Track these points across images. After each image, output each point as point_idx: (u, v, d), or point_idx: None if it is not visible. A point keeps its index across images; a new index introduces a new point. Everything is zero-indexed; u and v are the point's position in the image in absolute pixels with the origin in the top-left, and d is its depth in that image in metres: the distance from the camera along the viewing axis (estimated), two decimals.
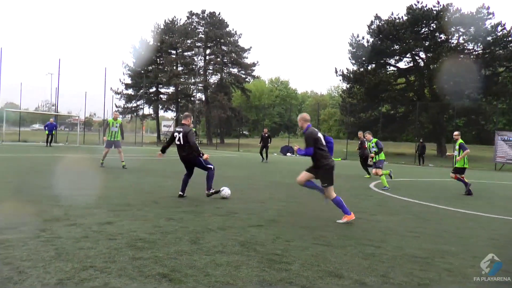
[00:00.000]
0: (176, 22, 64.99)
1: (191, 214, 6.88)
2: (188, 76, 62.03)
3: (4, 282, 3.47)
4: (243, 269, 4.06)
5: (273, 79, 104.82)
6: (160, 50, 63.42)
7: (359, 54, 44.72)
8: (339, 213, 7.26)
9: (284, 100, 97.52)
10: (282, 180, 13.51)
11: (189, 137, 8.51)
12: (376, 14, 44.36)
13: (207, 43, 62.71)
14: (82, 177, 11.60)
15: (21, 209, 6.55)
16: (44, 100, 59.37)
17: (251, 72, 64.86)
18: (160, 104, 63.06)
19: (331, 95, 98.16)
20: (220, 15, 63.23)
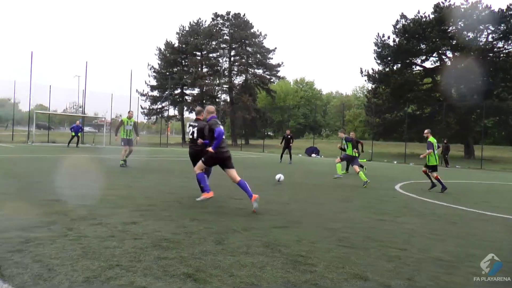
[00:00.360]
0: (201, 24, 65.43)
1: (215, 214, 6.90)
2: (213, 78, 62.34)
3: (35, 279, 3.55)
4: (268, 270, 4.06)
5: (298, 79, 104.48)
6: (185, 52, 63.96)
7: (384, 54, 44.24)
8: (360, 214, 7.20)
9: (309, 101, 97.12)
10: (306, 181, 13.46)
11: (205, 132, 8.53)
12: (402, 13, 43.80)
13: (232, 44, 62.93)
14: (107, 177, 11.75)
15: (49, 208, 6.67)
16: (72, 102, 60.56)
17: (276, 73, 64.88)
18: (185, 105, 63.54)
19: (356, 95, 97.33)
20: (245, 16, 63.41)
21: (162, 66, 64.76)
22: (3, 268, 3.77)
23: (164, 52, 64.73)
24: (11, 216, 5.96)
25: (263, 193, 10.01)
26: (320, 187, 11.96)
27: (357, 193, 10.97)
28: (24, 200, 7.37)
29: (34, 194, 8.05)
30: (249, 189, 7.61)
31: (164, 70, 64.15)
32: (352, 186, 12.51)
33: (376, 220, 7.09)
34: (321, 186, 12.10)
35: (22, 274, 3.64)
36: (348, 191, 11.21)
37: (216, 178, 9.26)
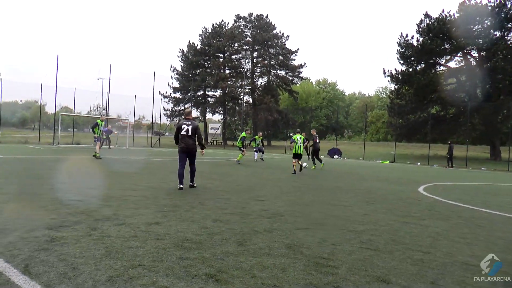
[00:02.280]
0: (223, 25, 65.67)
1: (237, 216, 6.90)
2: (236, 79, 62.51)
3: (60, 277, 3.61)
4: (290, 272, 4.04)
5: (321, 80, 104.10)
6: (207, 54, 64.28)
7: (408, 54, 43.72)
8: (384, 217, 7.10)
9: (331, 102, 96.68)
10: (329, 183, 13.38)
11: (197, 131, 10.29)
12: (426, 12, 43.15)
13: (254, 46, 63.05)
14: (130, 178, 11.87)
15: (74, 208, 6.76)
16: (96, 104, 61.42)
17: (298, 74, 64.73)
18: (207, 107, 63.86)
19: (378, 96, 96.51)
20: (267, 17, 63.51)
21: (185, 68, 65.20)
22: (30, 266, 3.85)
23: (187, 54, 65.17)
24: (38, 215, 6.06)
25: (285, 194, 10.00)
26: (343, 189, 11.87)
27: (381, 195, 10.86)
28: (51, 200, 7.49)
29: (60, 195, 8.18)
30: None
31: (187, 72, 64.57)
32: (375, 189, 12.38)
33: (400, 223, 6.99)
34: (344, 188, 12.01)
35: (48, 272, 3.71)
36: (371, 193, 11.09)
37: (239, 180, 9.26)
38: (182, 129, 10.12)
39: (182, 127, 10.17)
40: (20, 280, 3.51)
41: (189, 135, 10.09)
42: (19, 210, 6.38)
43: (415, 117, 44.27)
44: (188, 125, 10.13)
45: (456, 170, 27.48)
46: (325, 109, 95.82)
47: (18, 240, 4.71)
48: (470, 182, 17.66)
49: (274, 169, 18.83)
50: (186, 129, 10.08)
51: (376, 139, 75.78)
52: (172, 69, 64.62)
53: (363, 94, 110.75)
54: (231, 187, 11.06)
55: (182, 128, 10.15)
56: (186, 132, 10.07)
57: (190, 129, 10.08)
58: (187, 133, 10.07)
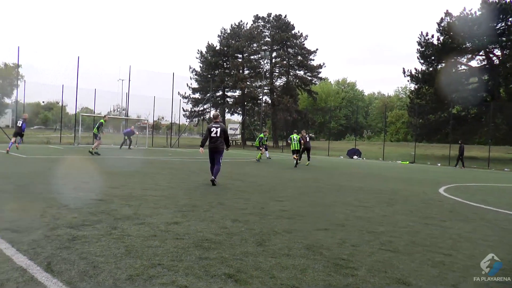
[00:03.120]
0: (242, 26, 65.80)
1: (257, 216, 6.90)
2: (254, 79, 62.53)
3: (81, 275, 3.66)
4: (309, 273, 4.02)
5: (340, 80, 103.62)
6: (226, 54, 64.42)
7: (428, 53, 43.14)
8: (404, 218, 7.02)
9: (351, 102, 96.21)
10: (348, 184, 13.29)
11: (226, 132, 11.52)
12: (446, 11, 42.53)
13: (273, 46, 62.99)
14: (150, 178, 11.95)
15: (95, 207, 6.84)
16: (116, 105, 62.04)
17: (317, 74, 64.45)
18: (226, 107, 64.01)
19: (398, 96, 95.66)
20: (286, 17, 63.37)
21: (204, 69, 65.45)
22: (53, 264, 3.91)
23: (205, 55, 65.41)
24: (60, 214, 6.14)
25: (305, 195, 9.97)
26: (364, 189, 11.78)
27: (401, 196, 10.74)
28: (72, 199, 7.59)
29: (81, 194, 8.28)
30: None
31: (206, 72, 64.81)
32: (396, 189, 12.26)
33: (420, 224, 6.90)
34: (365, 189, 11.91)
35: (70, 270, 3.76)
36: (392, 194, 10.99)
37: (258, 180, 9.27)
38: (212, 131, 11.33)
39: (211, 129, 11.38)
40: (43, 278, 3.57)
41: (217, 136, 11.29)
42: (43, 209, 6.47)
43: (435, 117, 43.62)
44: (216, 127, 11.37)
45: (479, 171, 27.05)
46: (344, 109, 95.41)
47: (41, 238, 4.79)
48: (493, 183, 17.37)
49: (293, 169, 18.78)
50: (216, 131, 11.30)
51: (395, 140, 75.12)
52: (191, 70, 64.95)
53: (383, 94, 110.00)
54: (250, 187, 11.06)
55: (211, 130, 11.35)
56: (216, 134, 11.29)
57: (219, 131, 11.31)
58: (216, 135, 11.29)
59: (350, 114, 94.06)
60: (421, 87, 45.01)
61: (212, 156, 11.48)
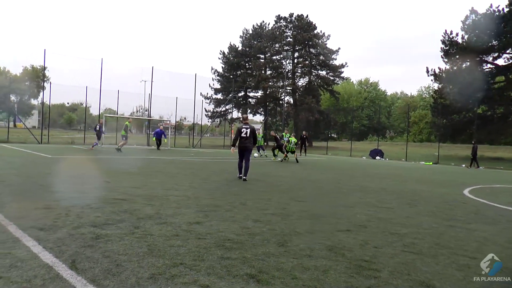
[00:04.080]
0: (264, 26, 65.82)
1: (278, 216, 6.89)
2: (277, 80, 62.48)
3: (104, 273, 3.71)
4: (331, 274, 3.99)
5: (362, 80, 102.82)
6: (248, 55, 64.55)
7: (452, 52, 42.36)
8: (428, 220, 6.91)
9: (373, 102, 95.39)
10: (370, 185, 13.17)
11: (254, 133, 12.72)
12: (472, 8, 41.65)
13: (295, 46, 62.84)
14: (172, 178, 12.03)
15: (118, 207, 6.92)
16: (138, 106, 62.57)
17: (339, 74, 64.11)
18: (248, 108, 64.10)
19: (421, 96, 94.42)
20: (308, 17, 63.11)
21: (226, 70, 65.68)
22: (77, 261, 3.97)
23: (227, 56, 65.65)
24: (84, 213, 6.23)
25: (326, 196, 9.92)
26: (386, 190, 11.66)
27: (424, 197, 10.60)
28: (95, 199, 7.68)
29: (104, 193, 8.39)
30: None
31: (228, 73, 65.04)
32: (419, 190, 12.11)
33: (444, 226, 6.79)
34: (387, 190, 11.79)
35: (93, 268, 3.81)
36: (415, 196, 10.85)
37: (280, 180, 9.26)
38: (242, 132, 12.60)
39: (242, 130, 12.63)
40: (68, 275, 3.63)
41: (247, 137, 12.57)
42: (67, 208, 6.57)
43: (460, 117, 42.85)
44: (246, 128, 12.62)
45: (505, 172, 26.51)
46: (367, 109, 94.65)
47: (66, 236, 4.87)
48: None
49: (315, 170, 18.70)
50: (246, 132, 12.57)
51: (419, 140, 74.07)
52: (213, 71, 65.29)
53: (406, 94, 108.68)
54: (272, 188, 11.06)
55: (242, 131, 12.62)
56: (246, 134, 12.56)
57: (248, 132, 12.58)
58: (246, 135, 12.56)
59: (373, 114, 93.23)
60: (445, 87, 44.24)
61: (242, 154, 12.58)
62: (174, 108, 43.01)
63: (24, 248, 4.34)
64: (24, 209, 6.37)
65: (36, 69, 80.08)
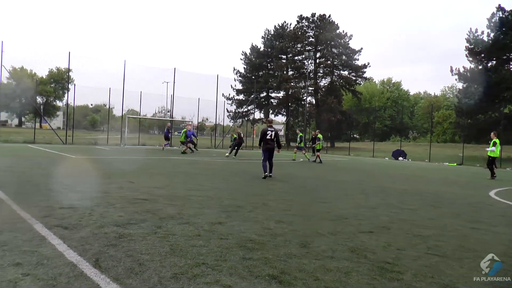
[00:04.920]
0: (286, 27, 65.68)
1: (300, 217, 6.86)
2: (298, 80, 62.30)
3: (127, 272, 3.76)
4: (353, 276, 3.96)
5: (385, 80, 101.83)
6: (270, 56, 64.51)
7: (477, 51, 41.56)
8: (452, 222, 6.80)
9: (396, 102, 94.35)
10: (394, 186, 13.03)
11: (277, 135, 13.49)
12: (498, 5, 40.82)
13: (317, 46, 62.59)
14: (194, 178, 12.09)
15: (140, 207, 6.98)
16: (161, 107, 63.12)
17: (362, 74, 63.63)
18: (270, 108, 64.07)
19: (445, 95, 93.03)
20: (330, 17, 62.79)
21: (248, 70, 65.78)
22: (100, 260, 4.02)
23: (249, 57, 65.75)
24: (107, 213, 6.31)
25: (348, 197, 9.85)
26: (409, 192, 11.52)
27: (448, 199, 10.44)
28: (119, 198, 7.77)
29: (127, 194, 8.47)
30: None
31: (250, 74, 65.13)
32: (443, 192, 11.94)
33: (469, 229, 6.66)
34: (410, 191, 11.65)
35: (116, 267, 3.86)
36: (438, 197, 10.70)
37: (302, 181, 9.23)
38: (267, 134, 13.30)
39: (267, 132, 13.36)
40: (92, 273, 3.68)
41: (272, 139, 13.34)
42: (90, 208, 6.66)
43: (485, 117, 42.00)
44: (271, 131, 13.38)
45: None
46: (389, 110, 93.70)
47: (89, 235, 4.93)
48: None
49: (337, 171, 18.59)
50: (270, 134, 13.31)
51: (442, 141, 73.10)
52: (235, 72, 65.42)
53: (429, 94, 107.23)
54: (294, 188, 11.03)
55: (267, 133, 13.33)
56: (270, 137, 13.29)
57: (273, 134, 13.36)
58: (270, 137, 13.30)
59: (395, 115, 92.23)
60: (470, 86, 43.44)
61: (267, 154, 13.25)
62: (196, 109, 43.23)
63: (50, 247, 4.41)
64: (50, 208, 6.47)
65: (61, 71, 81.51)
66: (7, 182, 9.59)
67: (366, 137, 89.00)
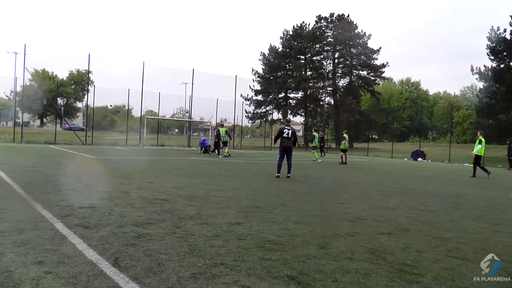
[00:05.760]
0: (304, 27, 65.48)
1: (319, 218, 6.84)
2: (317, 80, 62.02)
3: (146, 272, 3.79)
4: (372, 278, 3.92)
5: (404, 80, 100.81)
6: (289, 56, 64.38)
7: (499, 49, 40.82)
8: (473, 224, 6.70)
9: (415, 102, 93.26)
10: (412, 187, 12.89)
11: (295, 134, 13.46)
12: None
13: (336, 46, 62.24)
14: (213, 179, 12.13)
15: (159, 207, 7.03)
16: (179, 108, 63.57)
17: (380, 74, 63.07)
18: (288, 109, 63.90)
19: (465, 95, 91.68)
20: (349, 17, 62.39)
21: (266, 71, 65.73)
22: (120, 259, 4.06)
23: (268, 57, 65.70)
24: (126, 213, 6.36)
25: (367, 198, 9.77)
26: (429, 193, 11.38)
27: (469, 200, 10.29)
28: (138, 198, 7.83)
29: (146, 194, 8.54)
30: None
31: (268, 74, 65.05)
32: (463, 193, 11.78)
33: (491, 231, 6.54)
34: (430, 192, 11.52)
35: (135, 266, 3.89)
36: (459, 198, 10.55)
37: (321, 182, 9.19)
38: (284, 133, 13.29)
39: (284, 130, 13.34)
40: (111, 272, 3.72)
41: (289, 137, 13.32)
42: (110, 207, 6.72)
43: (507, 117, 41.21)
44: (288, 129, 13.38)
45: None
46: (408, 110, 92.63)
47: (109, 235, 4.99)
48: None
49: (356, 172, 18.48)
50: (287, 132, 13.30)
51: (462, 141, 71.99)
52: (254, 72, 65.40)
53: (449, 93, 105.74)
54: (313, 189, 10.99)
55: (284, 132, 13.31)
56: (287, 135, 13.27)
57: (290, 133, 13.34)
58: (287, 136, 13.28)
59: (414, 115, 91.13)
60: (491, 85, 42.73)
61: (284, 153, 13.41)
62: (215, 110, 43.40)
63: (70, 245, 4.47)
64: (70, 208, 6.56)
65: (81, 73, 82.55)
66: (29, 181, 9.74)
67: (384, 137, 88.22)
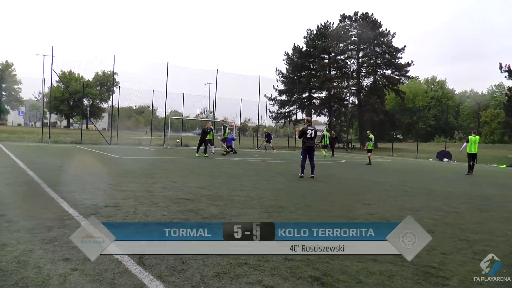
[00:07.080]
0: (328, 26, 65.11)
1: (343, 218, 6.80)
2: (341, 80, 61.64)
3: (170, 270, 3.84)
4: (397, 280, 3.89)
5: (429, 79, 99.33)
6: (312, 56, 64.11)
7: None
8: (502, 226, 6.59)
9: (440, 101, 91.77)
10: (438, 188, 12.69)
11: (316, 134, 13.69)
12: None
13: (360, 45, 61.73)
14: (237, 179, 12.17)
15: (183, 206, 7.09)
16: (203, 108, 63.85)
17: (405, 73, 62.32)
18: (312, 108, 63.65)
19: (492, 94, 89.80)
20: (373, 15, 61.80)
21: (290, 71, 65.56)
22: (144, 258, 4.11)
23: (292, 57, 65.52)
24: (151, 211, 6.44)
25: (392, 199, 9.67)
26: (452, 194, 11.21)
27: (497, 202, 10.09)
28: (162, 198, 7.91)
29: (171, 193, 8.61)
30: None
31: (292, 74, 64.85)
32: (491, 195, 11.56)
33: None
34: (453, 193, 11.34)
35: (160, 265, 3.95)
36: (486, 200, 10.35)
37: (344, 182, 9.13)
38: (308, 133, 13.41)
39: (307, 131, 13.45)
40: (136, 270, 3.79)
41: (312, 138, 13.53)
42: (134, 206, 6.81)
43: None
44: (311, 129, 13.53)
45: None
46: (433, 109, 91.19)
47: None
48: None
49: (380, 172, 18.30)
50: (311, 133, 13.46)
51: (490, 141, 70.58)
52: (277, 72, 65.31)
53: (476, 92, 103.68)
54: (336, 190, 10.95)
55: (307, 132, 13.43)
56: (311, 135, 13.46)
57: (313, 133, 13.55)
58: (311, 136, 13.46)
59: (440, 114, 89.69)
60: None
61: (307, 153, 13.46)
62: (239, 110, 43.50)
63: None
64: (96, 206, 6.67)
65: (106, 74, 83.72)
66: (57, 180, 9.93)
67: (409, 137, 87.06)
